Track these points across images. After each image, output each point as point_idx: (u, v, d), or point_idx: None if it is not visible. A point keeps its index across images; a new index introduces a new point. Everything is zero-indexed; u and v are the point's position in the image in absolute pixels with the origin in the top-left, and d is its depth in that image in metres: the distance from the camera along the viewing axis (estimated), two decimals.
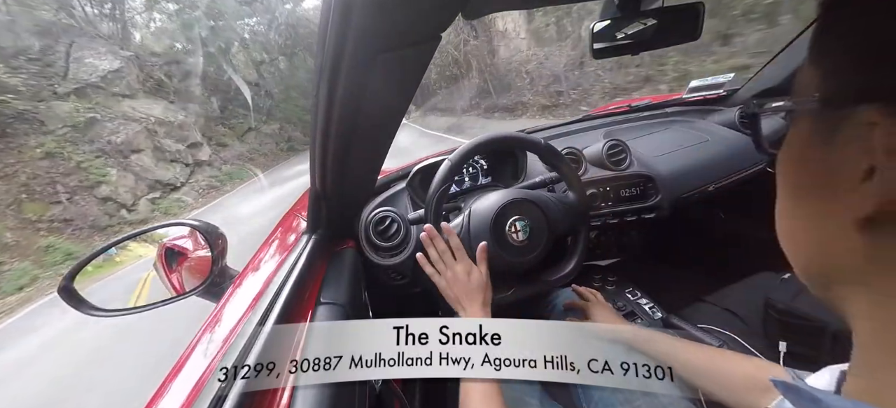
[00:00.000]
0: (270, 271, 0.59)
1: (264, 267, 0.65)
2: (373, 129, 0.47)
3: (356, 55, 0.31)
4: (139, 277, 3.34)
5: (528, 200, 0.72)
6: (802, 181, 0.22)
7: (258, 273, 0.63)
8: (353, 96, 0.37)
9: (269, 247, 0.76)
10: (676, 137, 1.19)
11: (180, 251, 0.79)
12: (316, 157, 0.52)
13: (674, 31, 0.62)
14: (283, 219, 0.88)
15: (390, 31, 0.30)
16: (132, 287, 3.40)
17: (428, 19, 0.30)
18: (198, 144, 11.93)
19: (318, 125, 0.43)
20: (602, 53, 0.65)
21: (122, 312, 0.68)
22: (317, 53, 0.34)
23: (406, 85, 0.39)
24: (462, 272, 0.62)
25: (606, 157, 1.04)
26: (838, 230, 0.19)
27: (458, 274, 0.62)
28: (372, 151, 0.53)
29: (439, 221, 0.70)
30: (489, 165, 1.03)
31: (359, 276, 0.71)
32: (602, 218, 1.01)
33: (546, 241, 0.72)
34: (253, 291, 0.55)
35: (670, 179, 1.03)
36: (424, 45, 0.33)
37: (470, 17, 0.33)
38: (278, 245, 0.75)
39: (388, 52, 0.32)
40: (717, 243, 1.33)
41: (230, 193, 10.96)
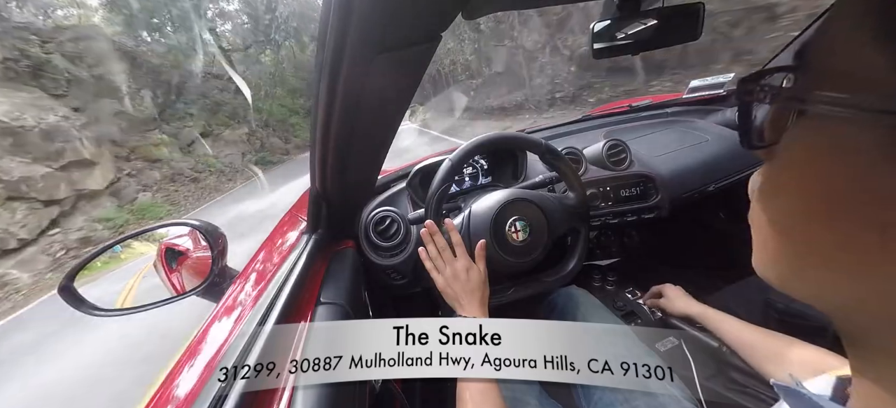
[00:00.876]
0: (270, 271, 0.59)
1: (264, 267, 0.65)
2: (373, 129, 0.47)
3: (356, 55, 0.31)
4: (127, 281, 3.28)
5: (528, 200, 0.72)
6: (833, 209, 0.15)
7: (258, 273, 0.63)
8: (353, 96, 0.37)
9: (269, 247, 0.76)
10: (676, 137, 1.19)
11: (180, 251, 0.79)
12: (316, 157, 0.52)
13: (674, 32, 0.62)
14: (283, 219, 0.88)
15: (390, 31, 0.30)
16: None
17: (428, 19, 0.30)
18: (85, 163, 7.20)
19: (318, 125, 0.43)
20: (602, 53, 0.65)
21: (122, 312, 0.68)
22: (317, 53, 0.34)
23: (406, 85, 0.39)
24: (461, 270, 0.62)
25: (606, 157, 1.04)
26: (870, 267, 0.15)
27: (458, 272, 0.62)
28: (372, 151, 0.53)
29: (440, 218, 0.70)
30: (489, 165, 1.03)
31: (359, 276, 0.71)
32: (602, 218, 1.01)
33: (546, 241, 0.72)
34: (253, 291, 0.55)
35: (670, 179, 1.03)
36: (424, 45, 0.33)
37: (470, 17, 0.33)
38: (278, 245, 0.75)
39: (388, 53, 0.32)
40: (717, 243, 1.33)
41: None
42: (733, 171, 1.08)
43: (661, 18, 0.59)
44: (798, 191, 0.17)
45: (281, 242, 0.76)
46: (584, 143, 1.11)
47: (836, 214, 0.15)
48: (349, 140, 0.46)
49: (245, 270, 0.67)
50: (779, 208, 0.19)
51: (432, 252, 0.66)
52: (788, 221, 0.18)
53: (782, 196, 0.18)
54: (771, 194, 0.19)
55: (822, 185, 0.16)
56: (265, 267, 0.65)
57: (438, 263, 0.65)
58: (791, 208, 0.18)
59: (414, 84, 0.39)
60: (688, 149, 1.13)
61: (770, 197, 0.19)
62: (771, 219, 0.19)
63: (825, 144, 0.15)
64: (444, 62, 12.78)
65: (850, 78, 0.14)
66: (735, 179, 1.08)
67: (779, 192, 0.19)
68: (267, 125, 13.85)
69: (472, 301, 0.61)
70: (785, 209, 0.18)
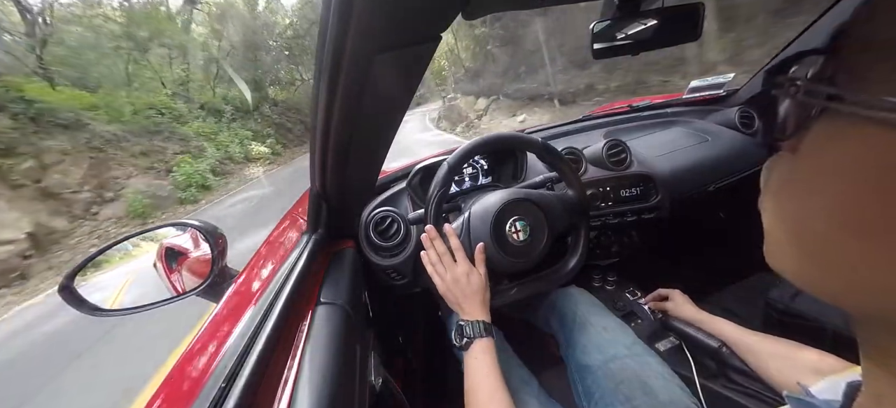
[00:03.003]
0: (270, 272, 0.59)
1: (264, 267, 0.65)
2: (373, 129, 0.47)
3: (356, 55, 0.31)
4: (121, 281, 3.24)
5: (528, 200, 0.72)
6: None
7: (258, 273, 0.63)
8: (353, 96, 0.37)
9: (269, 247, 0.76)
10: (676, 137, 1.19)
11: (180, 251, 0.79)
12: (316, 157, 0.52)
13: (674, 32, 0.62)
14: (283, 219, 0.88)
15: (390, 31, 0.30)
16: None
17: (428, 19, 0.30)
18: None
19: (318, 125, 0.43)
20: (602, 53, 0.65)
21: (122, 312, 0.68)
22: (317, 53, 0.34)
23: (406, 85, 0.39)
24: (461, 274, 0.63)
25: (606, 157, 1.04)
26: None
27: (458, 276, 0.63)
28: (372, 151, 0.53)
29: (439, 221, 0.70)
30: (489, 166, 1.03)
31: (359, 276, 0.71)
32: (602, 218, 1.01)
33: (546, 241, 0.72)
34: (253, 291, 0.55)
35: (670, 179, 1.03)
36: (424, 45, 0.33)
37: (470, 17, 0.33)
38: (278, 245, 0.75)
39: (388, 52, 0.32)
40: (718, 243, 1.33)
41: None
42: (733, 171, 1.08)
43: (661, 18, 0.59)
44: (828, 197, 0.15)
45: (281, 242, 0.76)
46: (584, 143, 1.11)
47: (873, 229, 0.14)
48: (349, 140, 0.46)
49: (245, 270, 0.67)
50: (803, 210, 0.17)
51: (433, 257, 0.66)
52: (811, 226, 0.16)
53: (808, 199, 0.16)
54: (793, 193, 0.17)
55: (860, 198, 0.14)
56: (265, 267, 0.65)
57: (439, 267, 0.65)
58: (818, 213, 0.16)
59: (414, 84, 0.39)
60: (688, 149, 1.13)
61: (792, 195, 0.18)
62: (788, 218, 0.18)
63: (862, 150, 0.13)
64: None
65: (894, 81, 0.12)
66: (735, 178, 1.08)
67: (804, 194, 0.17)
68: (224, 144, 12.68)
69: (474, 304, 0.62)
70: (811, 212, 0.16)
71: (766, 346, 0.57)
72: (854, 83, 0.14)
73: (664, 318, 0.83)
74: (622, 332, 0.74)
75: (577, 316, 0.79)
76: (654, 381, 0.62)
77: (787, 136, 0.17)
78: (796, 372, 0.49)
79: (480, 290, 0.63)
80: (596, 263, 1.16)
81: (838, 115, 0.15)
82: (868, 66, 0.13)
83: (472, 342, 0.58)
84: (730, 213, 1.27)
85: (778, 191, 0.19)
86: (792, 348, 0.53)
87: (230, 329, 0.45)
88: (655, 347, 0.82)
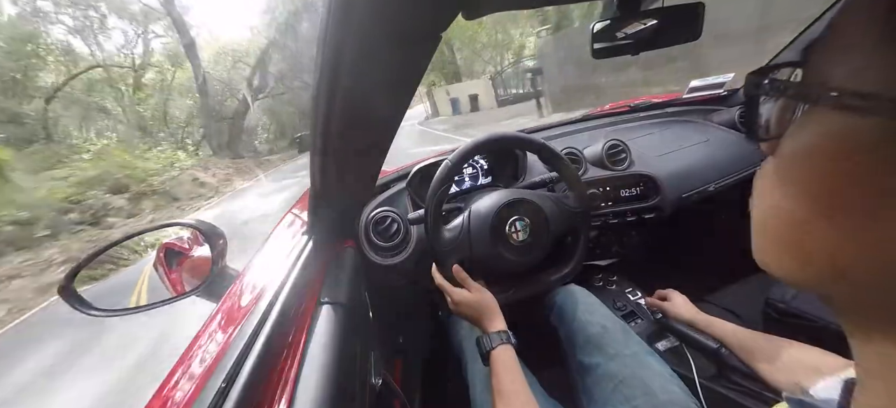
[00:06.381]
0: (271, 272, 0.59)
1: (264, 267, 0.65)
2: (373, 129, 0.47)
3: (356, 55, 0.31)
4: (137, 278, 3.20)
5: (528, 200, 0.72)
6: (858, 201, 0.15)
7: (258, 273, 0.63)
8: (353, 96, 0.37)
9: (269, 247, 0.76)
10: (676, 137, 1.19)
11: (180, 251, 0.79)
12: (316, 157, 0.52)
13: (674, 31, 0.62)
14: (283, 219, 0.88)
15: (390, 31, 0.30)
16: (129, 286, 3.32)
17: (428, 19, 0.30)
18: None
19: (318, 125, 0.43)
20: (602, 53, 0.65)
21: (122, 312, 0.68)
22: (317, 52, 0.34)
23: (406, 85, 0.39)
24: (470, 299, 0.67)
25: (606, 157, 1.04)
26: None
27: (468, 302, 0.67)
28: (372, 151, 0.53)
29: (439, 221, 0.70)
30: (489, 166, 1.03)
31: (359, 276, 0.71)
32: (602, 218, 1.01)
33: (546, 241, 0.72)
34: (253, 291, 0.55)
35: (670, 179, 1.03)
36: (424, 44, 0.33)
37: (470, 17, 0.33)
38: (278, 245, 0.75)
39: (387, 52, 0.32)
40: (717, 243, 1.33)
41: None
42: (733, 171, 1.08)
43: (661, 18, 0.59)
44: (800, 184, 0.17)
45: (281, 242, 0.76)
46: (584, 143, 1.11)
47: (838, 209, 0.15)
48: (349, 140, 0.46)
49: (245, 270, 0.67)
50: (779, 200, 0.18)
51: (449, 303, 0.70)
52: (788, 214, 0.18)
53: (783, 188, 0.18)
54: (772, 186, 0.19)
55: (825, 180, 0.16)
56: (265, 267, 0.65)
57: (453, 298, 0.69)
58: (792, 201, 0.18)
59: (414, 84, 0.39)
60: (688, 149, 1.13)
61: (771, 189, 0.19)
62: (770, 210, 0.19)
63: (829, 139, 0.15)
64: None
65: (857, 75, 0.14)
66: (735, 179, 1.08)
67: (780, 184, 0.18)
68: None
69: (490, 318, 0.65)
70: (785, 202, 0.18)
71: (765, 346, 0.57)
72: (823, 83, 0.16)
73: (664, 318, 0.83)
74: (622, 332, 0.74)
75: (578, 316, 0.79)
76: (654, 381, 0.62)
77: (768, 137, 0.19)
78: (796, 372, 0.49)
79: (490, 304, 0.66)
80: (596, 263, 1.16)
81: (809, 112, 0.17)
82: (832, 66, 0.16)
83: (496, 348, 0.60)
84: (730, 213, 1.27)
85: (762, 190, 0.20)
86: (792, 348, 0.53)
87: (230, 329, 0.45)
88: (655, 347, 0.82)
